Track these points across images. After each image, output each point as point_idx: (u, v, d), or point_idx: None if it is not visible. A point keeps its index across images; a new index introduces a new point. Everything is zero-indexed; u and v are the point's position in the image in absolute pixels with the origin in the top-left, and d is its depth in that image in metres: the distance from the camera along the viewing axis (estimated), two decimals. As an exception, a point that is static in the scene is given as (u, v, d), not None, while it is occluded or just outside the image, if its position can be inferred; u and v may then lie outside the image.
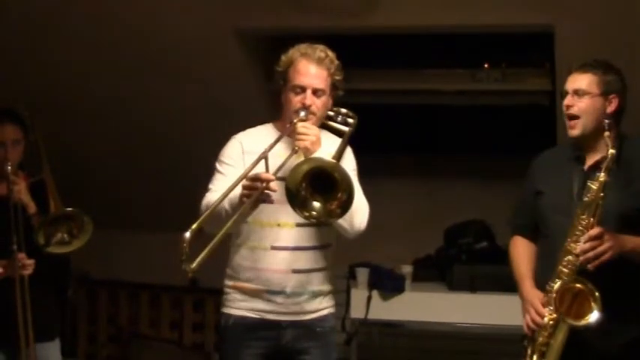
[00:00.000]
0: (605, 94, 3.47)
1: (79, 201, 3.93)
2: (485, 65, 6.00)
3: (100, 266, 6.64)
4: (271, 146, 3.38)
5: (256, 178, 3.26)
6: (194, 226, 3.09)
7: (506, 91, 5.84)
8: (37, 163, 4.05)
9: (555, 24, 4.98)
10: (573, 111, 3.49)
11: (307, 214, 3.26)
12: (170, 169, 6.18)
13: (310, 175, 3.22)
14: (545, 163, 3.73)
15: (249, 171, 3.28)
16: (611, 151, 3.34)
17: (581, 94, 3.48)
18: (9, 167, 3.90)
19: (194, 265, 3.03)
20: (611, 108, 3.48)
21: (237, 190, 3.29)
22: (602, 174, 3.34)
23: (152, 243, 6.73)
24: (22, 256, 3.83)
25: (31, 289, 3.86)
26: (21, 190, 3.91)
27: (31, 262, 3.85)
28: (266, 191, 3.24)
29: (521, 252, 3.74)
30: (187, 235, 3.04)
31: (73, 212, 3.87)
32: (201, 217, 3.19)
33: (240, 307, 3.61)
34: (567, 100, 3.51)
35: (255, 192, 3.24)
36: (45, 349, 4.03)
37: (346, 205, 3.23)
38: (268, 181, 3.24)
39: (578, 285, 3.34)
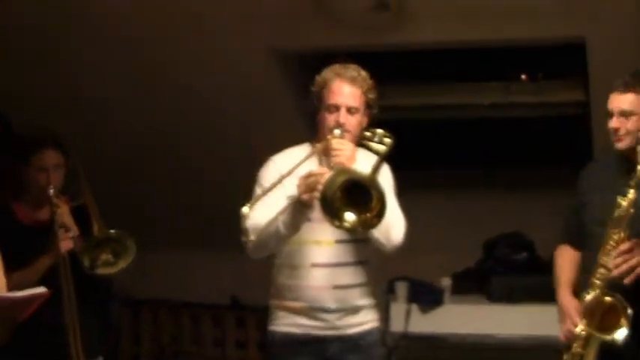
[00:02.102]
0: None
1: (120, 222, 3.98)
2: (523, 77, 6.02)
3: (142, 286, 6.69)
4: (301, 162, 3.46)
5: (310, 175, 3.35)
6: (250, 203, 3.36)
7: (540, 103, 5.84)
8: (75, 189, 4.11)
9: (586, 35, 4.99)
10: (622, 132, 3.47)
11: (338, 223, 3.31)
12: (211, 191, 6.23)
13: (345, 187, 3.28)
14: (590, 174, 3.74)
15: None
16: None
17: (628, 115, 3.46)
18: (51, 191, 3.96)
19: (252, 237, 3.41)
20: None
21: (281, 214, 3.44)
22: (632, 190, 3.35)
23: (193, 262, 6.78)
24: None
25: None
26: (64, 214, 3.98)
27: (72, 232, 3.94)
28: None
29: (565, 260, 3.75)
30: (246, 209, 3.31)
31: (116, 234, 3.93)
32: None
33: (285, 323, 3.65)
34: (614, 123, 3.49)
35: (312, 186, 3.32)
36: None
37: (378, 218, 3.28)
38: (322, 174, 3.33)
39: (608, 299, 3.36)
